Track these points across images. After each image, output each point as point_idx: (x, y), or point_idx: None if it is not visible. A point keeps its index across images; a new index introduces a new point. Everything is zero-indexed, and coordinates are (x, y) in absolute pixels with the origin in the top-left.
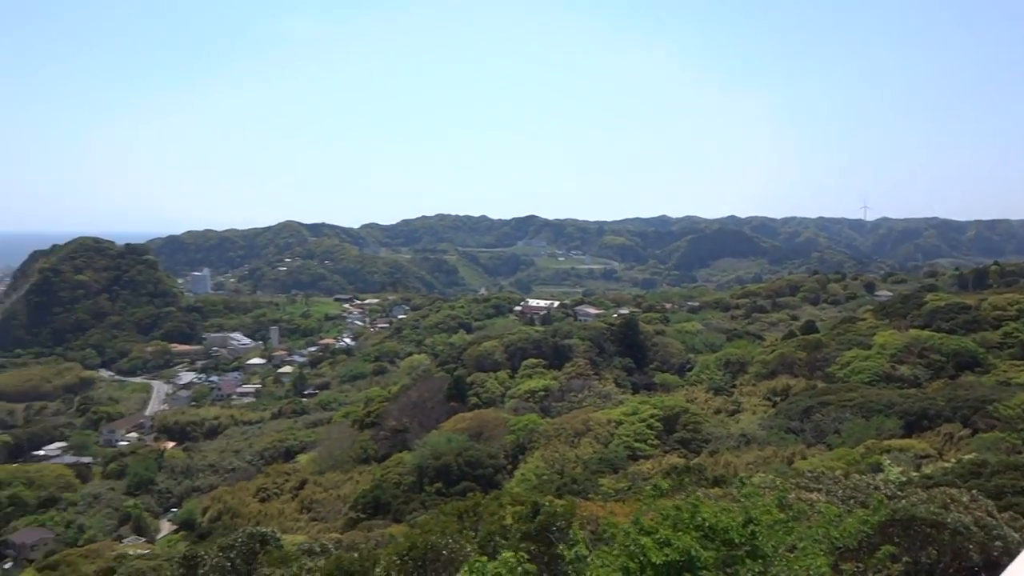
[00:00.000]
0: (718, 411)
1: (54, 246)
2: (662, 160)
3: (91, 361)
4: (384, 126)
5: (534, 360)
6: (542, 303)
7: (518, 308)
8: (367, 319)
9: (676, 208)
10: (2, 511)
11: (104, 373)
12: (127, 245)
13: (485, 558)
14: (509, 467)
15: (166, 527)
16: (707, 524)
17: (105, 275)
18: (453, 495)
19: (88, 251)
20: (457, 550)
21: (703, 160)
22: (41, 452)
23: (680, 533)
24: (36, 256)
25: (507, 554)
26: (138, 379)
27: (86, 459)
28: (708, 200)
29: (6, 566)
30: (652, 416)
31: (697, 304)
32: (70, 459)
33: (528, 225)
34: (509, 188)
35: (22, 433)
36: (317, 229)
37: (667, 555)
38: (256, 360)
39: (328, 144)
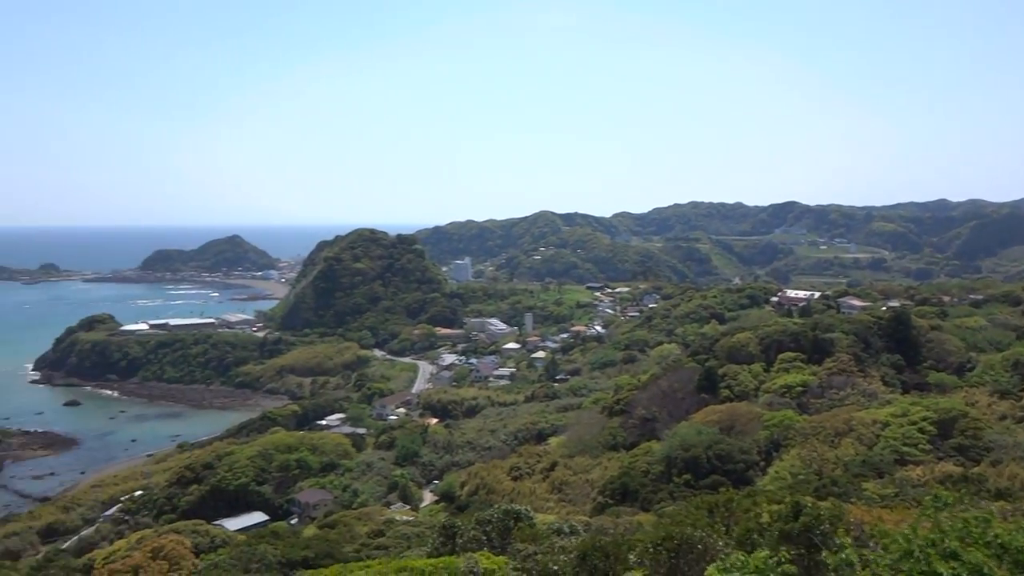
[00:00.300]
0: (1003, 417)
1: (336, 237)
2: (943, 136)
3: (366, 341)
4: (629, 116)
5: (791, 354)
6: (801, 294)
7: (774, 299)
8: (617, 307)
9: (958, 191)
10: (291, 472)
11: (377, 353)
12: (398, 236)
13: (744, 554)
14: (762, 463)
15: (428, 497)
16: (999, 541)
17: (379, 263)
18: (702, 488)
19: (365, 241)
20: (711, 544)
21: (993, 135)
22: (323, 422)
23: (970, 548)
24: (322, 246)
25: (763, 552)
26: (406, 359)
27: (361, 430)
28: (996, 181)
29: (292, 521)
30: (924, 419)
31: (981, 297)
32: (347, 429)
33: (787, 212)
34: (766, 173)
35: (308, 404)
36: (570, 219)
37: (954, 569)
38: (511, 345)
39: (581, 135)
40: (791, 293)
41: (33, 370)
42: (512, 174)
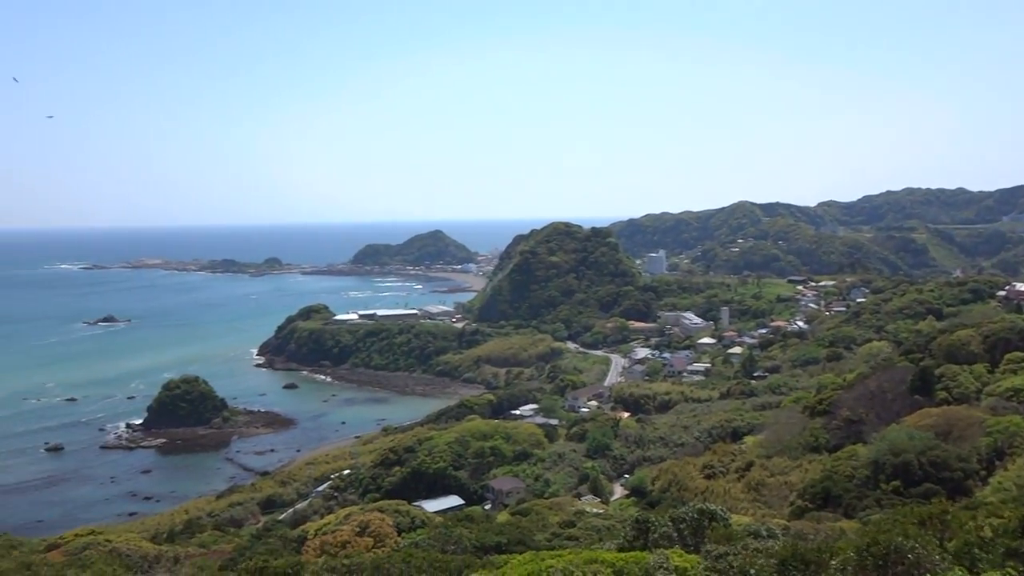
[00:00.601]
0: None
1: (532, 231)
2: None
3: (560, 334)
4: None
5: (1020, 354)
6: None
7: (1001, 293)
8: (821, 302)
9: None
10: (485, 459)
11: (570, 345)
12: (593, 229)
13: (963, 570)
14: (983, 473)
15: (618, 491)
16: None
17: (574, 256)
18: (913, 497)
19: (560, 235)
20: (924, 556)
21: None
22: (517, 411)
23: None
24: (518, 240)
25: (993, 572)
26: (599, 352)
27: (553, 421)
28: None
29: (486, 506)
30: None
31: None
32: (540, 420)
33: (1017, 196)
34: (992, 154)
35: (503, 394)
36: (771, 209)
37: None
38: (706, 340)
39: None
40: (1021, 287)
41: (257, 355)
42: (708, 164)
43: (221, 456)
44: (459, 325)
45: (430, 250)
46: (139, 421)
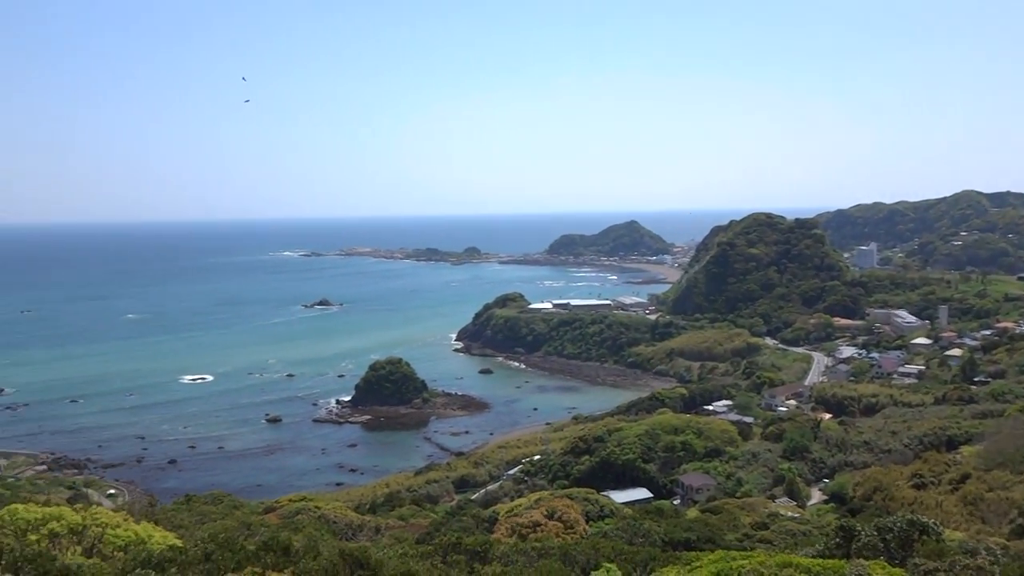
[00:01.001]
0: None
1: (731, 222)
2: None
3: (757, 329)
4: None
5: None
6: None
7: None
8: None
9: None
10: (675, 454)
11: (768, 341)
12: (796, 220)
13: None
14: None
15: (816, 495)
16: None
17: (775, 248)
18: None
19: (761, 226)
20: None
21: None
22: (710, 407)
23: None
24: (716, 231)
25: None
26: (799, 349)
27: (748, 419)
28: None
29: (675, 502)
30: None
31: None
32: (734, 416)
33: None
34: None
35: (696, 388)
36: (1000, 199)
37: None
38: (921, 340)
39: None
40: None
41: (456, 340)
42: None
43: (420, 435)
44: (652, 317)
45: (625, 240)
46: (347, 398)
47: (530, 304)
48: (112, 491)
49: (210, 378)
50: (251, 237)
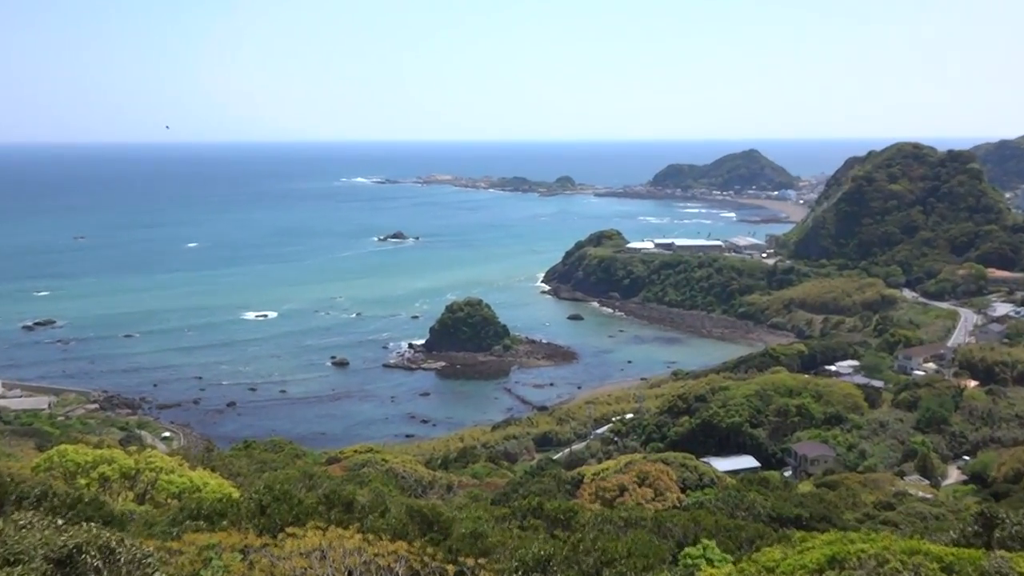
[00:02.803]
0: None
1: (870, 153)
2: None
3: (894, 279)
4: None
5: None
6: None
7: None
8: None
9: None
10: (789, 419)
11: (907, 293)
12: (949, 152)
13: None
14: None
15: (953, 474)
16: None
17: (921, 185)
18: None
19: (905, 158)
20: None
21: None
22: (832, 367)
23: None
24: (851, 163)
25: None
26: (943, 304)
27: (876, 382)
28: None
29: (786, 473)
30: None
31: None
32: (860, 379)
33: None
34: None
35: (817, 345)
36: None
37: None
38: None
39: None
40: None
41: (543, 281)
42: None
43: (499, 385)
44: (770, 262)
45: (742, 172)
46: (421, 342)
47: (628, 243)
48: (167, 434)
49: (274, 315)
50: (321, 162)
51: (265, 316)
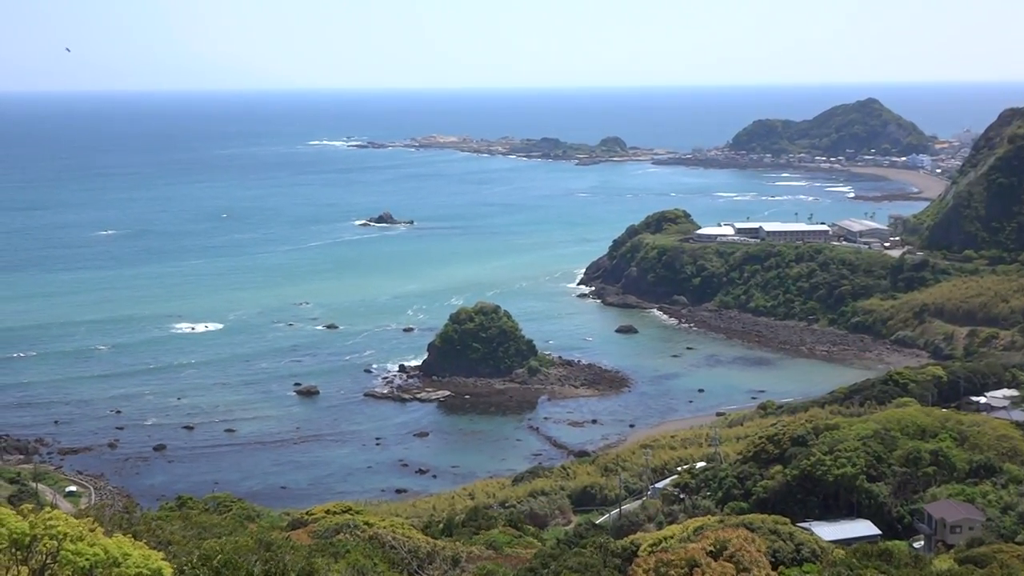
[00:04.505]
0: None
1: None
2: None
3: None
4: None
5: None
6: None
7: None
8: None
9: None
10: (920, 470)
11: None
12: None
13: None
14: None
15: None
16: None
17: None
18: None
19: None
20: None
21: None
22: (981, 399)
23: None
24: (1008, 118)
25: None
26: None
27: None
28: None
29: (916, 544)
30: None
31: None
32: (1020, 415)
33: None
34: None
35: (959, 368)
36: None
37: None
38: None
39: None
40: None
41: (582, 281)
42: None
43: (523, 422)
44: (895, 253)
45: (856, 130)
46: (416, 362)
47: (699, 228)
48: (73, 488)
49: (217, 328)
50: (281, 118)
51: (205, 329)
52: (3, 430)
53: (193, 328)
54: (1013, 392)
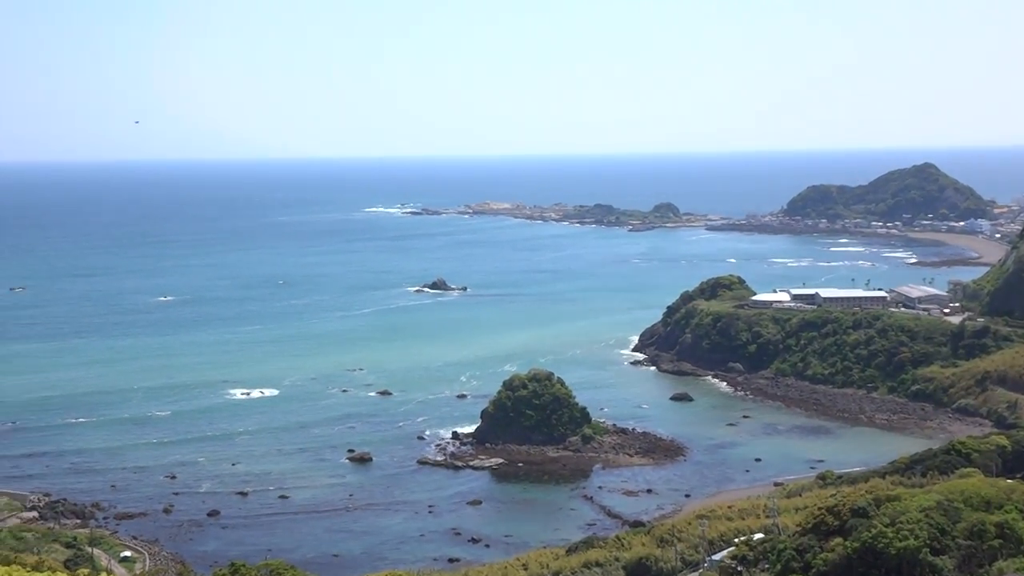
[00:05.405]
0: None
1: None
2: None
3: None
4: None
5: None
6: None
7: None
8: None
9: None
10: (986, 543)
11: None
12: None
13: None
14: None
15: None
16: None
17: None
18: None
19: None
20: None
21: None
22: None
23: None
24: None
25: None
26: None
27: None
28: None
29: None
30: None
31: None
32: None
33: None
34: None
35: (1022, 436)
36: None
37: None
38: None
39: None
40: None
41: (636, 347)
42: None
43: (576, 491)
44: (956, 320)
45: (913, 196)
46: (470, 430)
47: (754, 295)
48: (128, 553)
49: (272, 394)
50: (340, 186)
51: (261, 395)
52: (61, 494)
53: (248, 394)
54: None
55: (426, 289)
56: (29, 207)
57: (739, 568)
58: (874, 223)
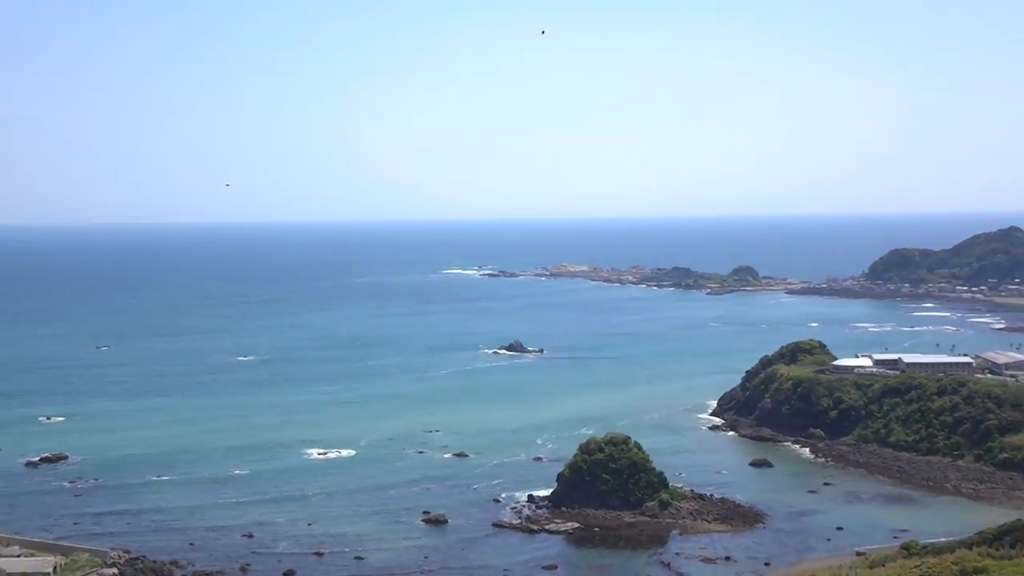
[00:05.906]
0: None
1: None
2: None
3: None
4: None
5: None
6: None
7: None
8: None
9: None
10: None
11: None
12: None
13: None
14: None
15: None
16: None
17: None
18: None
19: None
20: None
21: None
22: None
23: None
24: None
25: None
26: None
27: None
28: None
29: None
30: None
31: None
32: None
33: None
34: None
35: None
36: None
37: None
38: None
39: None
40: None
41: (714, 412)
42: None
43: (654, 558)
44: None
45: (999, 260)
46: (546, 493)
47: (835, 360)
48: None
49: (348, 454)
50: (414, 248)
51: (338, 455)
52: (140, 552)
53: (325, 454)
54: None
55: (503, 351)
56: (125, 267)
57: None
58: (959, 287)
